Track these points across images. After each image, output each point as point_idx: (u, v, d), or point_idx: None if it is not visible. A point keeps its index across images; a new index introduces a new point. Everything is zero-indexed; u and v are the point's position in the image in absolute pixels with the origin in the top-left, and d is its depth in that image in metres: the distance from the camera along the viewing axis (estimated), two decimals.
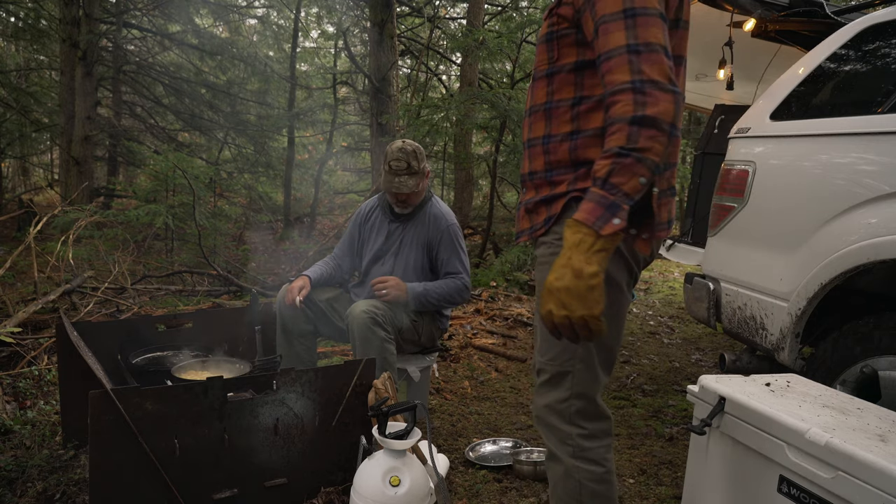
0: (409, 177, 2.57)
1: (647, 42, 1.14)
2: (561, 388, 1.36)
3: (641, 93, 1.12)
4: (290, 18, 10.72)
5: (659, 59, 1.14)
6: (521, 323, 4.89)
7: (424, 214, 2.70)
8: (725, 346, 4.55)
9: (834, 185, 2.18)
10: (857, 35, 2.36)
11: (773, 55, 3.78)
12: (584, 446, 1.34)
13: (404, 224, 2.71)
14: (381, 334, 2.39)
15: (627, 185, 1.11)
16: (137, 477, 1.79)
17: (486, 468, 2.46)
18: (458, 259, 2.69)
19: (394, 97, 6.54)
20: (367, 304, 2.43)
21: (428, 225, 2.69)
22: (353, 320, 2.39)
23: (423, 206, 2.72)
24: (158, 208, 5.75)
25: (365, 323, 2.37)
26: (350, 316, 2.42)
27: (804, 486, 1.41)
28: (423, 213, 2.71)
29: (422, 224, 2.69)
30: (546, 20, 1.37)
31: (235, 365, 2.50)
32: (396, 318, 2.50)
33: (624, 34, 1.15)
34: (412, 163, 2.57)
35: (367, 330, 2.36)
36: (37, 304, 3.79)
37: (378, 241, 2.75)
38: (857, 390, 2.04)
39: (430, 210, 2.72)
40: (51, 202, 10.14)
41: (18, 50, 11.56)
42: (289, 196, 9.91)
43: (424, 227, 2.69)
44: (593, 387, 1.36)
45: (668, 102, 1.12)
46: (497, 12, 10.33)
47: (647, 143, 1.12)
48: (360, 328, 2.37)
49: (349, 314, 2.43)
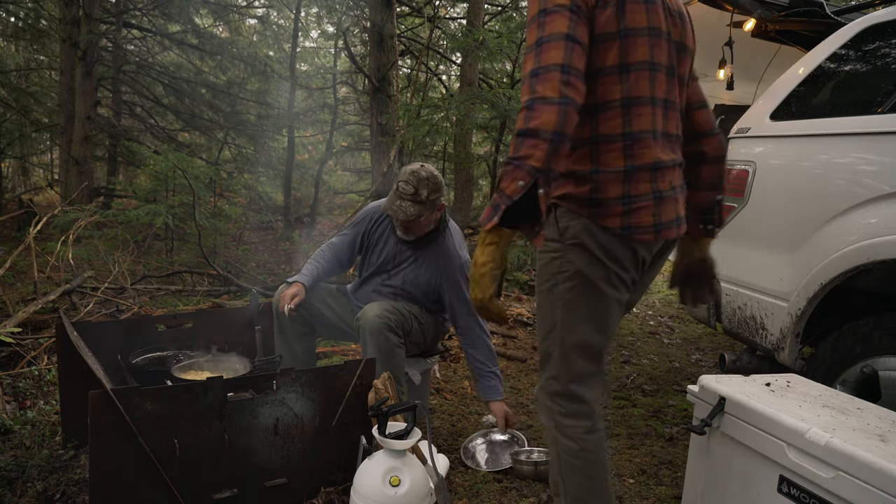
0: (412, 204, 2.40)
1: (545, 65, 1.31)
2: (546, 369, 1.57)
3: (530, 109, 1.30)
4: (290, 18, 10.72)
5: (550, 76, 1.30)
6: (521, 323, 4.89)
7: (434, 248, 2.57)
8: (725, 346, 4.55)
9: (834, 185, 2.18)
10: (857, 35, 2.36)
11: (773, 55, 3.78)
12: (562, 423, 1.53)
13: (415, 252, 2.59)
14: (394, 339, 2.38)
15: (509, 189, 1.28)
16: (137, 477, 1.79)
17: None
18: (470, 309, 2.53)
19: (394, 97, 6.54)
20: (379, 309, 2.40)
21: (437, 260, 2.57)
22: (366, 324, 2.37)
23: (434, 237, 2.57)
24: (158, 208, 5.75)
25: (378, 328, 2.35)
26: (362, 320, 2.40)
27: (804, 486, 1.41)
28: (433, 246, 2.57)
29: (431, 258, 2.57)
30: None
31: (235, 365, 2.50)
32: (406, 322, 2.48)
33: (532, 62, 1.33)
34: (421, 190, 2.41)
35: (380, 335, 2.35)
36: (37, 304, 3.79)
37: (382, 255, 2.65)
38: (857, 390, 2.04)
39: (443, 245, 2.57)
40: (51, 202, 10.13)
41: (18, 50, 11.56)
42: (289, 196, 9.91)
43: (433, 261, 2.57)
44: (568, 372, 1.53)
45: (550, 114, 1.28)
46: (497, 12, 10.32)
47: (527, 151, 1.28)
48: (374, 333, 2.35)
49: (361, 318, 2.41)
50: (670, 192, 1.49)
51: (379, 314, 2.38)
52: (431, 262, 2.57)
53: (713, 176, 1.68)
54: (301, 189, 11.14)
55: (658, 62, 1.46)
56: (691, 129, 1.66)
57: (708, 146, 1.67)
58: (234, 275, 5.52)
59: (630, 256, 1.49)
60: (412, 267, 2.60)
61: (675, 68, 1.52)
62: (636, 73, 1.43)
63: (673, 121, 1.54)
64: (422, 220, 2.49)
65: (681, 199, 1.55)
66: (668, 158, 1.50)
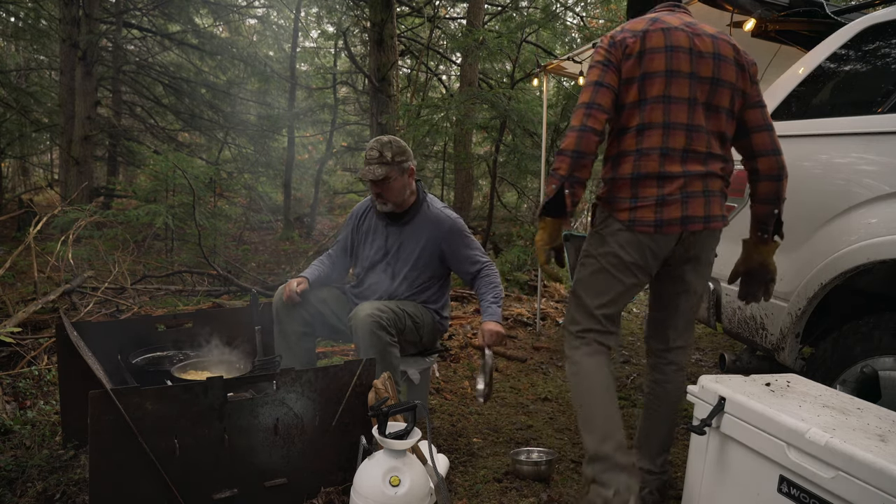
0: (378, 165, 2.50)
1: (579, 104, 1.87)
2: (567, 313, 2.11)
3: (565, 135, 1.87)
4: (290, 18, 10.73)
5: (579, 112, 1.85)
6: (521, 323, 4.89)
7: (422, 218, 2.63)
8: (725, 346, 4.55)
9: (834, 185, 2.18)
10: (857, 35, 2.36)
11: (773, 55, 3.77)
12: (568, 352, 2.04)
13: (401, 228, 2.64)
14: (386, 338, 2.38)
15: (547, 190, 1.90)
16: (137, 477, 1.79)
17: None
18: (476, 248, 2.67)
19: (394, 97, 6.53)
20: (371, 307, 2.40)
21: (428, 228, 2.62)
22: (358, 323, 2.37)
23: (417, 209, 2.64)
24: (158, 208, 5.75)
25: (369, 327, 2.34)
26: (354, 319, 2.40)
27: (804, 486, 1.41)
28: (419, 216, 2.63)
29: (421, 228, 2.62)
30: None
31: (235, 365, 2.50)
32: (399, 320, 2.49)
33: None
34: (385, 152, 2.52)
35: (371, 334, 2.34)
36: (37, 304, 3.79)
37: (374, 245, 2.68)
38: (857, 390, 2.04)
39: (428, 213, 2.64)
40: (51, 202, 10.14)
41: (18, 50, 11.56)
42: (289, 196, 9.91)
43: (425, 230, 2.63)
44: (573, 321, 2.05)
45: (572, 138, 1.84)
46: (497, 12, 10.33)
47: (557, 164, 1.85)
48: (365, 332, 2.35)
49: (353, 317, 2.41)
50: (677, 196, 1.86)
51: (370, 313, 2.37)
52: (423, 231, 2.63)
53: (769, 191, 1.99)
54: (301, 189, 11.15)
55: (676, 96, 1.85)
56: (749, 148, 1.98)
57: (762, 164, 1.97)
58: (234, 275, 5.52)
59: (636, 244, 1.91)
60: (406, 244, 2.63)
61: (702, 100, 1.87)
62: (651, 104, 1.86)
63: (700, 140, 1.88)
64: (392, 183, 2.54)
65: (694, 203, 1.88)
66: (681, 170, 1.86)
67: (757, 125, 1.96)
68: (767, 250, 2.04)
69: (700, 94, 1.87)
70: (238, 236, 8.65)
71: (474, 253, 2.65)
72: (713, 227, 1.93)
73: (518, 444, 2.73)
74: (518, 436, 2.84)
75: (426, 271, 2.64)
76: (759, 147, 1.96)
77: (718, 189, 1.94)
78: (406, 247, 2.64)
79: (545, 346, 4.35)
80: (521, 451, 2.54)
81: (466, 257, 2.63)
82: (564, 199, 1.83)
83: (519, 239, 7.61)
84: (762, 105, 1.97)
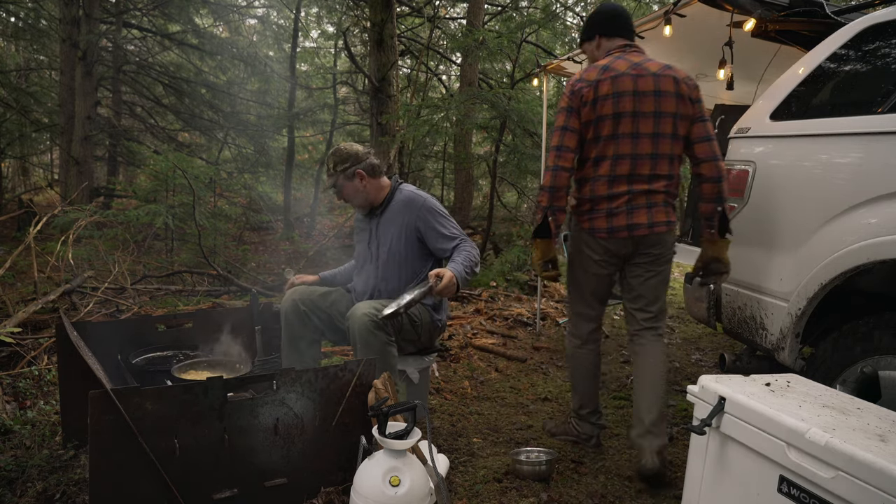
0: (328, 177, 2.68)
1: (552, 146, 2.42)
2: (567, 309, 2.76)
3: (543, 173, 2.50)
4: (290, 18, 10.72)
5: (552, 154, 2.41)
6: (521, 323, 4.89)
7: (395, 204, 2.69)
8: (725, 346, 4.55)
9: (834, 186, 2.18)
10: (857, 35, 2.36)
11: (773, 55, 3.77)
12: (567, 341, 2.73)
13: (379, 217, 2.71)
14: (383, 337, 2.37)
15: (536, 219, 2.48)
16: (137, 477, 1.79)
17: None
18: (449, 225, 2.65)
19: (394, 97, 6.53)
20: (367, 307, 2.40)
21: (401, 211, 2.65)
22: (354, 323, 2.37)
23: (391, 197, 2.70)
24: (158, 208, 5.74)
25: (366, 326, 2.34)
26: (351, 319, 2.40)
27: (804, 486, 1.41)
28: (393, 203, 2.69)
29: (393, 213, 2.67)
30: None
31: (235, 365, 2.50)
32: (396, 320, 2.48)
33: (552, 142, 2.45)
34: (329, 164, 2.67)
35: (368, 333, 2.34)
36: (37, 304, 3.79)
37: (364, 241, 2.78)
38: (857, 390, 2.04)
39: (398, 197, 2.69)
40: (51, 202, 10.14)
41: (18, 50, 11.56)
42: (289, 196, 9.91)
43: (397, 214, 2.66)
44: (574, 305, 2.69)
45: (548, 176, 2.41)
46: (497, 12, 10.32)
47: (540, 198, 2.47)
48: (361, 331, 2.35)
49: (350, 317, 2.41)
50: (623, 209, 2.39)
51: (366, 312, 2.37)
52: (396, 215, 2.67)
53: (712, 191, 2.39)
54: (301, 189, 11.14)
55: (622, 132, 2.35)
56: (693, 156, 2.42)
57: (704, 169, 2.40)
58: (234, 275, 5.52)
59: (598, 246, 2.48)
60: (384, 231, 2.68)
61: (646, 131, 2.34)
62: (604, 141, 2.38)
63: (644, 166, 2.37)
64: (344, 191, 2.68)
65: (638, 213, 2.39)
66: (627, 189, 2.38)
67: (699, 137, 2.39)
68: (719, 247, 2.42)
69: (643, 127, 2.34)
70: (238, 236, 8.64)
71: (450, 230, 2.64)
72: (657, 231, 2.42)
73: (518, 444, 2.73)
74: (518, 436, 2.84)
75: (409, 257, 2.63)
76: (701, 155, 2.39)
77: (661, 201, 2.41)
78: (384, 233, 2.68)
79: (545, 346, 4.35)
80: (521, 451, 2.54)
81: (441, 234, 2.62)
82: (549, 225, 2.41)
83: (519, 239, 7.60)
84: (704, 119, 2.40)
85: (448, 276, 2.37)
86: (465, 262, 2.50)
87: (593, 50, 2.57)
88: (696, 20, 3.49)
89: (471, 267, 2.52)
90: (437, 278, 2.39)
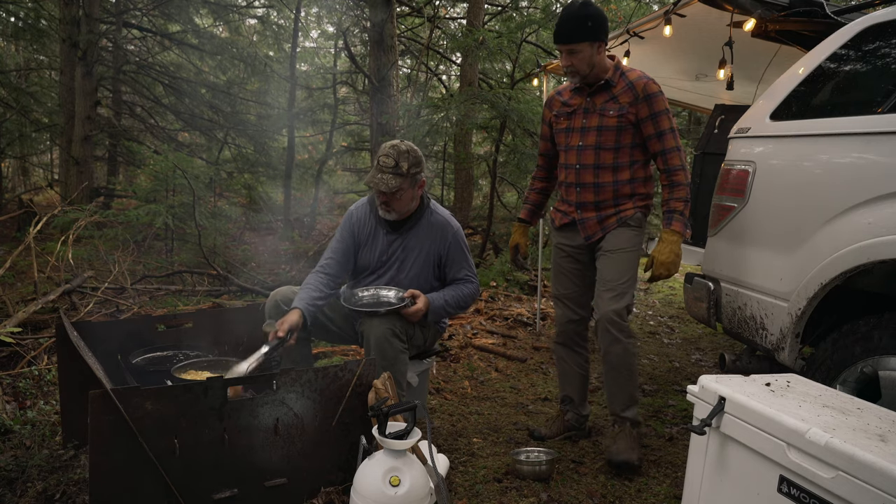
0: (393, 176, 2.42)
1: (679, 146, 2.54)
2: (625, 298, 2.53)
3: None
4: (290, 18, 10.72)
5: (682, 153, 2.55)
6: (521, 323, 4.89)
7: (425, 224, 2.58)
8: (725, 346, 4.55)
9: (834, 186, 2.18)
10: (857, 35, 2.36)
11: (773, 55, 3.77)
12: (631, 332, 2.57)
13: (403, 236, 2.58)
14: (399, 346, 2.37)
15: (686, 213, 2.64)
16: (137, 477, 1.79)
17: None
18: (467, 263, 2.63)
19: (394, 97, 6.53)
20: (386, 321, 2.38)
21: (432, 235, 2.58)
22: (371, 332, 2.36)
23: (420, 215, 2.59)
24: (158, 208, 5.74)
25: (384, 335, 2.34)
26: (367, 326, 2.38)
27: (804, 487, 1.41)
28: (422, 222, 2.59)
29: (424, 235, 2.58)
30: None
31: (235, 365, 2.49)
32: (409, 327, 2.46)
33: None
34: (401, 163, 2.44)
35: (385, 342, 2.34)
36: (37, 304, 3.79)
37: (374, 251, 2.62)
38: (857, 390, 2.04)
39: (431, 219, 2.59)
40: (51, 202, 10.13)
41: (18, 50, 11.55)
42: (289, 196, 9.90)
43: (427, 238, 2.58)
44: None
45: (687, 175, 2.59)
46: (497, 12, 10.32)
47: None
48: (378, 339, 2.34)
49: (365, 326, 2.40)
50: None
51: (384, 322, 2.37)
52: (425, 238, 2.58)
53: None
54: (301, 189, 11.13)
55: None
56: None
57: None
58: (234, 275, 5.52)
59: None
60: (408, 253, 2.58)
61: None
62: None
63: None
64: (402, 195, 2.48)
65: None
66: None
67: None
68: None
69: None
70: (238, 236, 8.64)
71: (468, 268, 2.64)
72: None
73: (518, 444, 2.73)
74: (518, 436, 2.84)
75: (420, 278, 2.59)
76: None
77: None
78: (408, 255, 2.59)
79: (545, 346, 4.35)
80: (521, 451, 2.54)
81: (460, 267, 2.62)
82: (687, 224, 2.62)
83: None
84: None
85: (420, 305, 2.44)
86: (453, 297, 2.56)
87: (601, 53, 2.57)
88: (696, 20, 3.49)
89: (457, 304, 2.57)
90: (412, 299, 2.44)
